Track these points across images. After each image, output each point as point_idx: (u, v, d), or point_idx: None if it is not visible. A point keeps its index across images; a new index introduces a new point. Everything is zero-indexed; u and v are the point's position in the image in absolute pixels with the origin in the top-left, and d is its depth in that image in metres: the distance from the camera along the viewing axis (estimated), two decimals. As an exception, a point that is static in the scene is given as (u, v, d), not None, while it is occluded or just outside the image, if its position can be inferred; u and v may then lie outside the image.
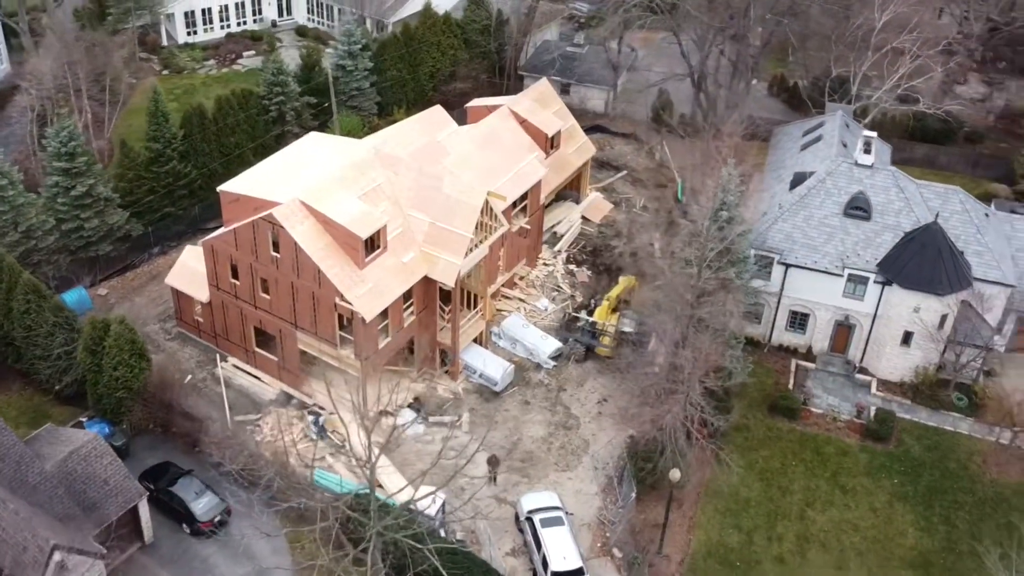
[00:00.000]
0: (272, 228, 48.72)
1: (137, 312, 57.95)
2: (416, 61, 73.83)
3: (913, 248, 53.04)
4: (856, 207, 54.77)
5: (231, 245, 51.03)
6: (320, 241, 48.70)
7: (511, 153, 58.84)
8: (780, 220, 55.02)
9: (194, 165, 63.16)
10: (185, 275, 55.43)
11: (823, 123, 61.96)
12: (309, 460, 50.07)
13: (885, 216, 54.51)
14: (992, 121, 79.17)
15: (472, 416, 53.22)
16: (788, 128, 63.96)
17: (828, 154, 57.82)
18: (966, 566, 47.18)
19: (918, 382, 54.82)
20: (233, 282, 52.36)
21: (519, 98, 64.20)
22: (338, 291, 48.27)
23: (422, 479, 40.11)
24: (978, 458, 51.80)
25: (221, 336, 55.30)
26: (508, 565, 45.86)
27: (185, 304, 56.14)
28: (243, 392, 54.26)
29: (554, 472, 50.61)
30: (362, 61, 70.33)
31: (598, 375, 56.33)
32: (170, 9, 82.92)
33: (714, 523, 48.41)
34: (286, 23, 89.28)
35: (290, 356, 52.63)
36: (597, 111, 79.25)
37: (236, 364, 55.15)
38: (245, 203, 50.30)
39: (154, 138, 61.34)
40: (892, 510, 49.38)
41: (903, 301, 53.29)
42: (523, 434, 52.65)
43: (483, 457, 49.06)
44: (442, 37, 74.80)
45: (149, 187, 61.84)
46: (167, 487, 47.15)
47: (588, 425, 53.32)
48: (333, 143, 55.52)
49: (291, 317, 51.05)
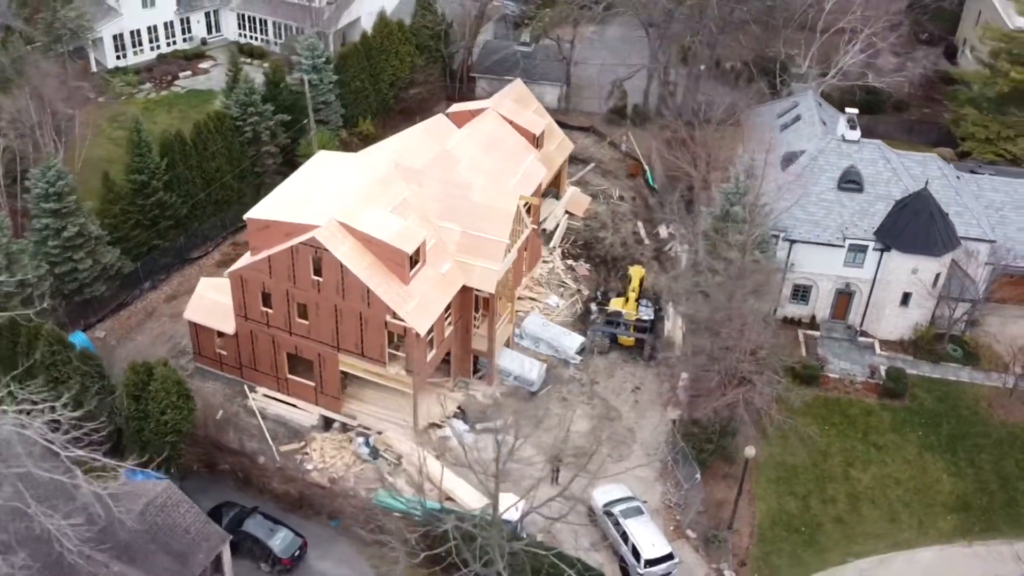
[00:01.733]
0: (315, 252, 47.12)
1: (144, 351, 55.00)
2: (376, 71, 72.39)
3: (906, 215, 55.83)
4: (849, 181, 57.22)
5: (263, 273, 49.05)
6: (364, 260, 47.45)
7: (514, 155, 58.65)
8: (782, 199, 56.86)
9: (178, 194, 60.18)
10: (203, 308, 52.90)
11: (796, 104, 64.26)
12: (369, 483, 49.29)
13: (876, 187, 57.16)
14: (911, 90, 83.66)
15: (516, 418, 52.94)
16: (760, 110, 66.00)
17: (812, 133, 60.06)
18: (999, 502, 50.36)
19: (917, 338, 57.83)
20: (265, 311, 50.34)
21: (500, 100, 63.91)
22: (389, 309, 47.17)
23: (533, 490, 39.98)
24: (984, 403, 55.15)
25: (247, 367, 53.11)
26: (593, 560, 46.04)
27: (204, 338, 53.60)
28: (280, 421, 52.37)
29: (610, 464, 50.93)
30: (326, 74, 68.44)
31: (624, 364, 56.99)
32: (99, 33, 78.32)
33: (771, 493, 49.96)
34: (216, 40, 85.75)
35: (331, 379, 51.06)
36: (551, 107, 79.40)
37: (267, 394, 53.12)
38: (276, 229, 48.38)
39: (137, 169, 58.11)
40: (923, 460, 52.11)
41: (901, 264, 56.07)
42: (569, 430, 52.76)
43: (529, 455, 48.93)
44: (399, 45, 73.55)
45: (135, 221, 58.62)
46: (238, 527, 45.13)
47: (629, 414, 53.98)
48: (345, 160, 53.99)
49: (333, 340, 49.52)
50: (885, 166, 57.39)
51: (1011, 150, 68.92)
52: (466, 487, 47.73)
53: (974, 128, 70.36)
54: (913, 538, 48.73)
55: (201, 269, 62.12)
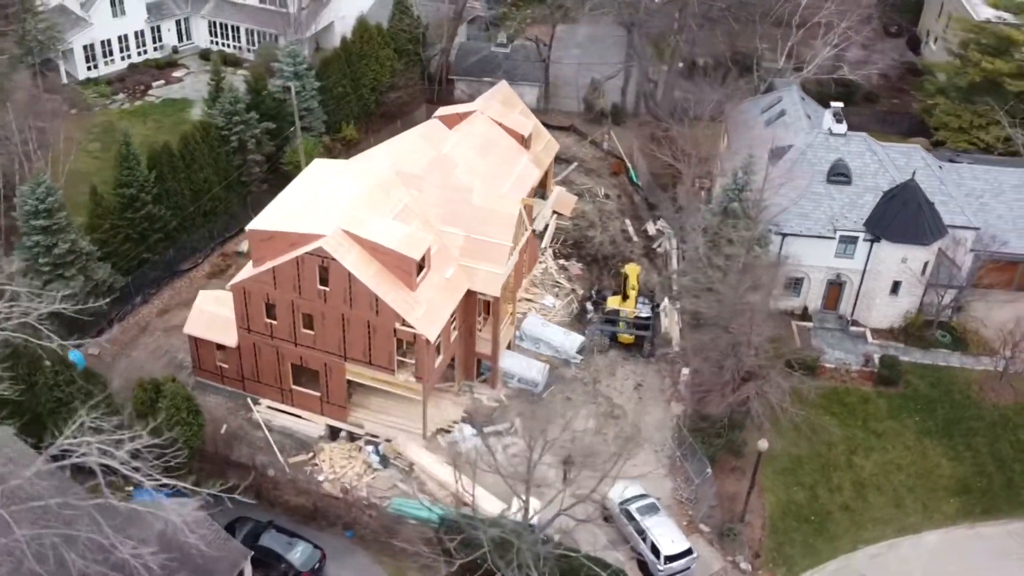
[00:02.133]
0: (321, 261, 46.57)
1: (142, 367, 53.98)
2: (357, 76, 71.75)
3: (895, 205, 56.68)
4: (838, 173, 57.95)
5: (268, 285, 48.37)
6: (370, 268, 47.01)
7: (508, 157, 58.53)
8: (775, 194, 57.39)
9: (167, 207, 59.10)
10: (203, 322, 52.03)
11: (780, 99, 64.92)
12: (382, 492, 48.86)
13: (864, 179, 57.96)
14: (879, 81, 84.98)
15: (522, 420, 52.91)
16: (744, 107, 66.57)
17: (799, 127, 60.74)
18: (997, 483, 51.45)
19: (907, 326, 58.80)
20: (268, 322, 49.67)
21: (487, 102, 63.63)
22: (398, 316, 46.80)
23: (561, 493, 39.95)
24: (975, 387, 56.18)
25: (250, 379, 52.37)
26: (612, 558, 46.14)
27: (205, 352, 52.73)
28: (286, 433, 51.71)
29: (622, 462, 51.01)
30: (308, 81, 67.65)
31: (624, 362, 57.17)
32: (69, 44, 76.60)
33: (779, 484, 50.49)
34: (188, 48, 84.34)
35: (337, 389, 50.54)
36: (531, 107, 79.19)
37: (271, 405, 52.44)
38: (280, 240, 47.72)
39: (125, 183, 56.91)
40: (922, 445, 53.03)
41: (891, 254, 56.92)
42: (576, 430, 52.77)
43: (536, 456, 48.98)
44: (379, 49, 72.96)
45: (125, 235, 57.43)
46: (254, 542, 44.48)
47: (633, 411, 54.14)
48: (342, 167, 53.40)
49: (339, 349, 49.01)
50: (872, 158, 58.25)
51: (983, 138, 70.38)
52: (483, 492, 47.50)
53: (947, 118, 71.73)
54: (918, 522, 49.60)
55: (192, 281, 61.10)
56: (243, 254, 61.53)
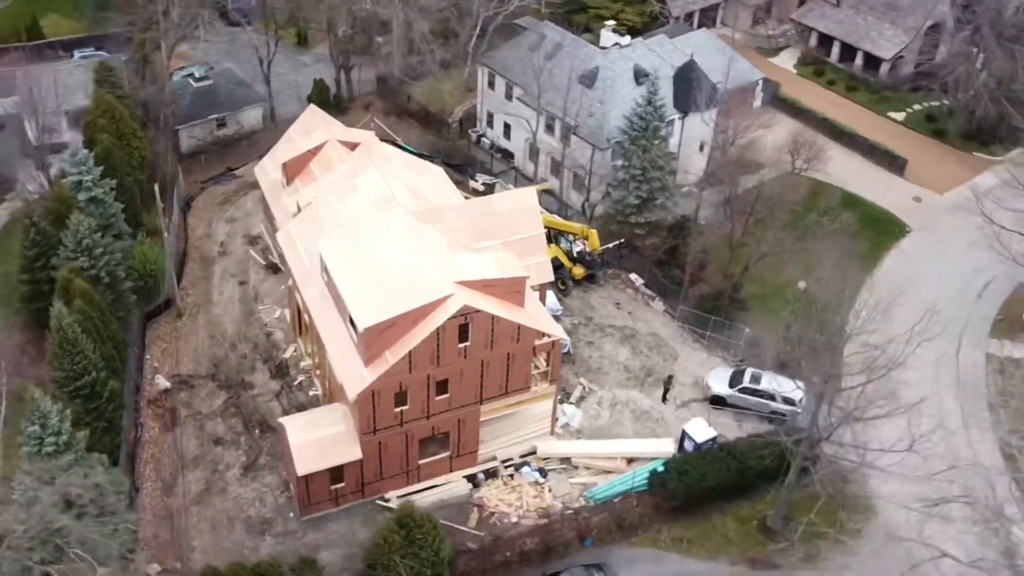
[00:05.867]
0: (464, 319, 43.07)
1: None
2: (131, 160, 59.87)
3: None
4: (643, 75, 65.65)
5: (401, 373, 43.16)
6: (496, 304, 44.72)
7: (414, 165, 56.45)
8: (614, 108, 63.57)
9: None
10: (312, 454, 44.31)
11: (543, 36, 68.76)
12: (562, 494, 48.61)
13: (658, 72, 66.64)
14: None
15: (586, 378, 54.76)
16: (502, 54, 69.78)
17: (589, 52, 66.18)
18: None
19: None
20: (398, 411, 44.50)
21: (327, 128, 58.81)
22: (538, 333, 45.80)
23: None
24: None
25: (370, 483, 46.43)
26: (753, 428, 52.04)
27: (317, 485, 45.06)
28: (439, 507, 47.31)
29: (678, 363, 56.06)
30: (103, 183, 55.19)
31: (587, 293, 60.69)
32: None
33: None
34: None
35: (470, 437, 47.62)
36: (259, 128, 73.12)
37: (399, 495, 47.26)
38: (400, 322, 42.64)
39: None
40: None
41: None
42: (619, 363, 56.14)
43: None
44: (128, 124, 60.99)
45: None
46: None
47: (638, 325, 58.73)
48: (367, 232, 47.17)
49: (476, 397, 46.14)
50: (654, 55, 66.99)
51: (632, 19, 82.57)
52: (642, 442, 50.07)
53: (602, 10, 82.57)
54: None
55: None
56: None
